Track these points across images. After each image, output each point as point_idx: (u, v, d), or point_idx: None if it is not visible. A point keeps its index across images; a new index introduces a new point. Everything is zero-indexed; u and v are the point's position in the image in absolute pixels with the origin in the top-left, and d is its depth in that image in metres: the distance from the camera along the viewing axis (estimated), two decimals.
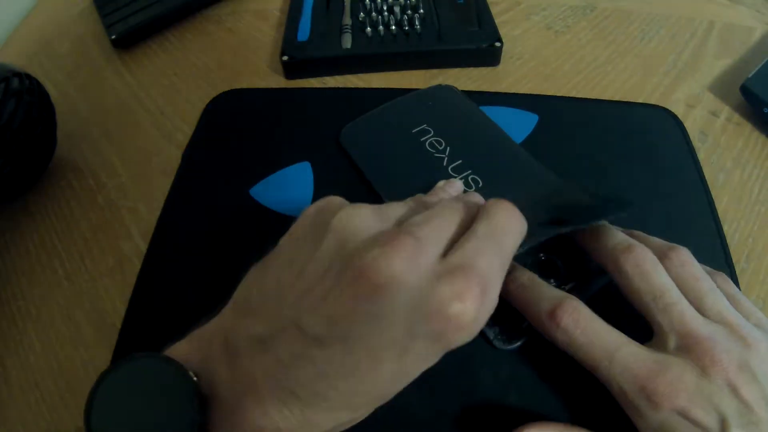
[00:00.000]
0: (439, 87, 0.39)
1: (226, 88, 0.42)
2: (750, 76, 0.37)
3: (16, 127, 0.33)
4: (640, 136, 0.36)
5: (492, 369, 0.26)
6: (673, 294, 0.23)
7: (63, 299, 0.32)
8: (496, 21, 0.44)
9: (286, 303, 0.18)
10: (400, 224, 0.19)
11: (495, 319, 0.26)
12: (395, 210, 0.21)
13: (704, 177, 0.34)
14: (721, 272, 0.25)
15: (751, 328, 0.22)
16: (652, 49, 0.44)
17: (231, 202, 0.34)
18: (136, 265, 0.32)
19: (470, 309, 0.17)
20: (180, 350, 0.20)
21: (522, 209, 0.21)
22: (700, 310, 0.23)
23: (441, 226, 0.20)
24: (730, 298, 0.23)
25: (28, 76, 0.35)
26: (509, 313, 0.25)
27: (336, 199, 0.21)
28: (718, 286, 0.24)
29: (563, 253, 0.27)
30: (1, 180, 0.34)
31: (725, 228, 0.31)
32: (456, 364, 0.26)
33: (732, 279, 0.29)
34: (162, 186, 0.36)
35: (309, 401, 0.18)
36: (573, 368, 0.23)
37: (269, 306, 0.19)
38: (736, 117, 0.38)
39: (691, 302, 0.23)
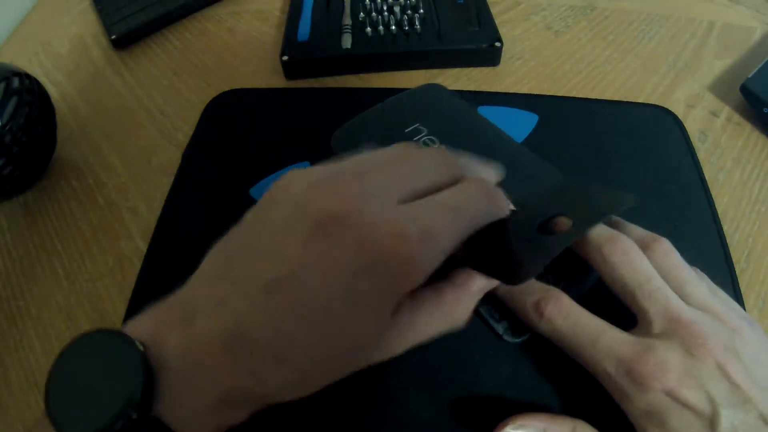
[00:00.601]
0: (429, 86, 0.39)
1: (226, 88, 0.42)
2: (750, 76, 0.37)
3: (16, 127, 0.33)
4: (640, 136, 0.36)
5: (492, 367, 0.26)
6: (658, 281, 0.23)
7: (63, 299, 0.32)
8: (496, 21, 0.44)
9: (246, 262, 0.19)
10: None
11: (503, 315, 0.27)
12: (360, 159, 0.21)
13: (704, 177, 0.34)
14: (696, 268, 0.25)
15: (733, 315, 0.22)
16: (652, 49, 0.44)
17: (231, 201, 0.34)
18: (136, 265, 0.32)
19: (405, 249, 0.17)
20: (134, 323, 0.20)
21: (522, 206, 0.22)
22: (683, 297, 0.23)
23: (402, 172, 0.20)
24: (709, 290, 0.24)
25: (28, 76, 0.35)
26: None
27: (297, 170, 0.21)
28: None
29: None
30: (1, 180, 0.34)
31: (725, 228, 0.31)
32: (456, 363, 0.26)
33: (732, 279, 0.29)
34: (162, 186, 0.36)
35: (264, 358, 0.18)
36: (574, 364, 0.23)
37: (230, 269, 0.19)
38: (736, 117, 0.38)
39: (674, 290, 0.23)
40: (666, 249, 0.24)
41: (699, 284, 0.24)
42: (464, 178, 0.22)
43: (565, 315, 0.23)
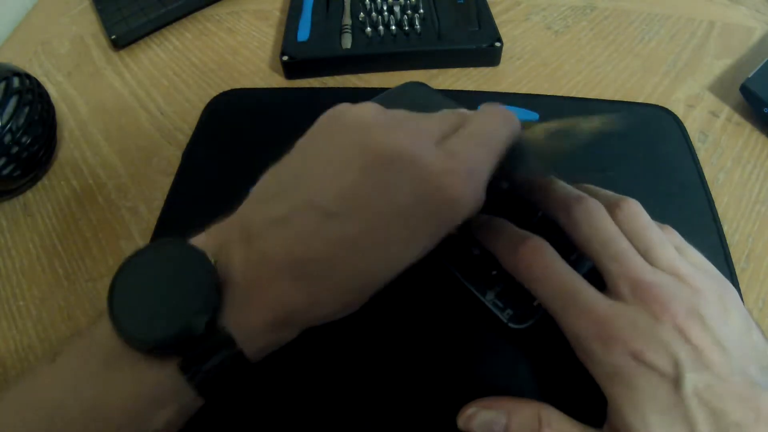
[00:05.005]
0: (410, 84, 0.38)
1: (226, 88, 0.42)
2: (750, 76, 0.37)
3: (16, 127, 0.33)
4: (640, 136, 0.36)
5: (495, 361, 0.26)
6: (622, 242, 0.23)
7: (63, 299, 0.32)
8: (496, 21, 0.44)
9: (303, 187, 0.20)
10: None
11: (507, 304, 0.27)
12: (399, 111, 0.24)
13: (704, 177, 0.34)
14: (667, 225, 0.25)
15: (699, 276, 0.22)
16: (652, 49, 0.44)
17: (231, 201, 0.34)
18: None
19: (458, 183, 0.20)
20: (198, 240, 0.21)
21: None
22: (650, 259, 0.23)
23: (438, 120, 0.23)
24: (679, 250, 0.24)
25: (28, 76, 0.35)
26: (519, 295, 0.26)
27: (346, 104, 0.23)
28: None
29: (552, 234, 0.27)
30: (1, 180, 0.34)
31: (725, 228, 0.31)
32: (459, 356, 0.26)
33: (732, 279, 0.29)
34: (162, 186, 0.36)
35: (319, 278, 0.19)
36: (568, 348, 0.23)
37: (287, 192, 0.21)
38: (736, 117, 0.38)
39: (641, 252, 0.23)
40: (634, 210, 0.24)
41: (666, 246, 0.23)
42: (477, 111, 0.24)
43: (544, 264, 0.23)
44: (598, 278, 0.23)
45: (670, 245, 0.24)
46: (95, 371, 0.18)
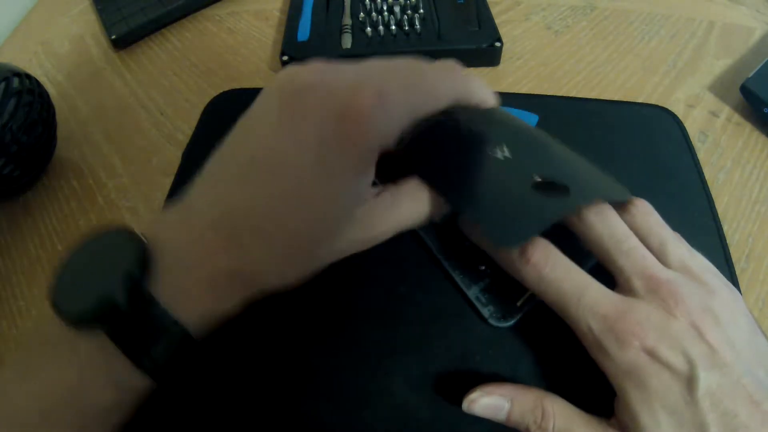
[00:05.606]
0: None
1: (226, 88, 0.42)
2: (750, 76, 0.37)
3: (16, 127, 0.33)
4: (640, 136, 0.36)
5: (484, 356, 0.26)
6: (635, 240, 0.23)
7: None
8: (496, 21, 0.44)
9: (234, 152, 0.21)
10: None
11: (490, 299, 0.27)
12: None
13: (704, 177, 0.34)
14: (676, 233, 0.25)
15: (710, 276, 0.22)
16: (652, 49, 0.44)
17: None
18: None
19: (362, 101, 0.19)
20: (144, 227, 0.21)
21: (517, 153, 0.23)
22: (663, 257, 0.23)
23: (368, 63, 0.22)
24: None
25: (28, 76, 0.35)
26: (503, 293, 0.26)
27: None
28: None
29: (553, 235, 0.27)
30: (0, 180, 0.34)
31: (725, 228, 0.31)
32: (455, 360, 0.26)
33: (732, 279, 0.29)
34: (162, 186, 0.36)
35: (248, 234, 0.19)
36: (567, 347, 0.23)
37: (223, 166, 0.21)
38: (736, 117, 0.38)
39: (654, 250, 0.23)
40: (646, 209, 0.25)
41: (679, 244, 0.23)
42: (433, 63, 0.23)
43: (552, 264, 0.23)
44: (600, 279, 0.23)
45: (682, 244, 0.24)
46: (48, 356, 0.19)
